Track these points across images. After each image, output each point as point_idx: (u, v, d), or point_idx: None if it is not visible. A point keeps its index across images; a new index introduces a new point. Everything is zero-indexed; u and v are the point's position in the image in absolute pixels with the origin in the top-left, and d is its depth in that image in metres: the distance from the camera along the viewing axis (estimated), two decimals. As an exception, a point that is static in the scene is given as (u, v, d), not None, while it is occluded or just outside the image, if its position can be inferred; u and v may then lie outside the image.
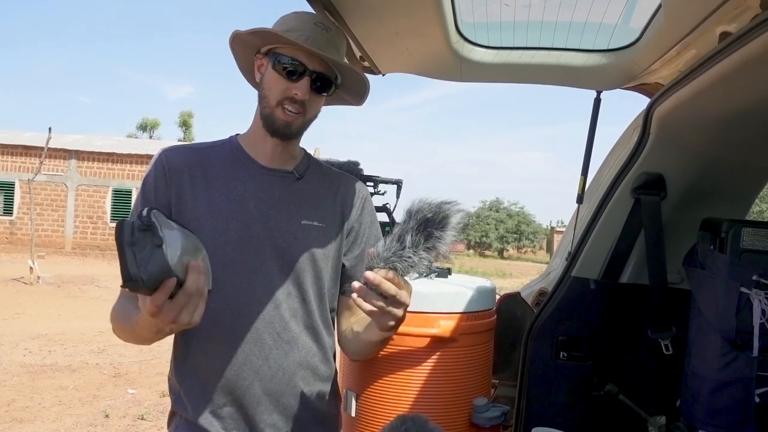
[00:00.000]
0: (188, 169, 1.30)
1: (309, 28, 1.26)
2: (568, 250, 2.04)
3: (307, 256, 1.32)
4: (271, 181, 1.32)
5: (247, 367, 1.26)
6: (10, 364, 6.78)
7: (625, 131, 2.09)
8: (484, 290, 1.87)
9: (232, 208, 1.27)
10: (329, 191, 1.39)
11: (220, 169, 1.31)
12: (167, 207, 1.27)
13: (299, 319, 1.32)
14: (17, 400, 5.53)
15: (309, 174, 1.38)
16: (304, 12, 1.31)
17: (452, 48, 1.91)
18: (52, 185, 21.76)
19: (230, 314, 1.26)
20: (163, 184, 1.29)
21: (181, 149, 1.34)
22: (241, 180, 1.30)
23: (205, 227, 1.25)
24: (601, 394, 1.96)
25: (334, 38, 1.29)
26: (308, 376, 1.34)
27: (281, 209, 1.30)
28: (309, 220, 1.33)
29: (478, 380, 1.83)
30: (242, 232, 1.26)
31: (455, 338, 1.74)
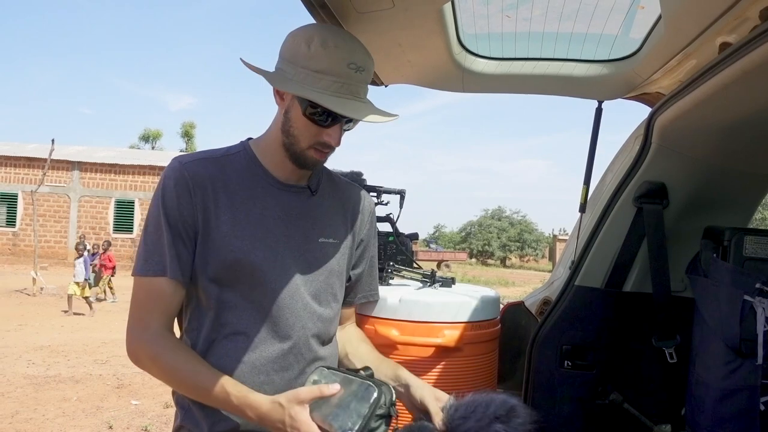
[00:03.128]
0: (211, 184, 1.24)
1: (343, 73, 1.13)
2: (572, 259, 2.05)
3: (326, 275, 1.32)
4: (288, 199, 1.29)
5: (268, 387, 1.24)
6: (14, 375, 6.78)
7: (626, 140, 2.11)
8: (489, 299, 1.87)
9: (254, 229, 1.24)
10: (340, 205, 1.38)
11: (239, 184, 1.26)
12: (193, 225, 1.22)
13: (320, 339, 1.33)
14: (21, 412, 5.53)
15: (321, 187, 1.36)
16: (335, 44, 1.14)
17: (454, 59, 1.93)
18: (54, 196, 21.83)
19: (255, 335, 1.25)
20: (188, 201, 1.22)
21: (200, 161, 1.27)
22: (260, 197, 1.26)
23: (231, 248, 1.22)
24: (606, 403, 1.95)
25: (366, 75, 1.18)
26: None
27: (299, 228, 1.29)
28: (325, 238, 1.32)
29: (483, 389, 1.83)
30: (267, 252, 1.24)
31: (460, 348, 1.74)
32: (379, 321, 1.76)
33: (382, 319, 1.76)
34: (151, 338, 1.21)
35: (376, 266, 1.53)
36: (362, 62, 1.16)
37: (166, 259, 1.21)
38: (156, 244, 1.22)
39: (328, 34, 1.16)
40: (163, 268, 1.21)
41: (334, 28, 1.24)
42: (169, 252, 1.21)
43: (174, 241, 1.21)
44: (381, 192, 2.53)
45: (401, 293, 1.78)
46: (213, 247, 1.22)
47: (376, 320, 1.77)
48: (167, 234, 1.21)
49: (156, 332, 1.21)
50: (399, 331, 1.73)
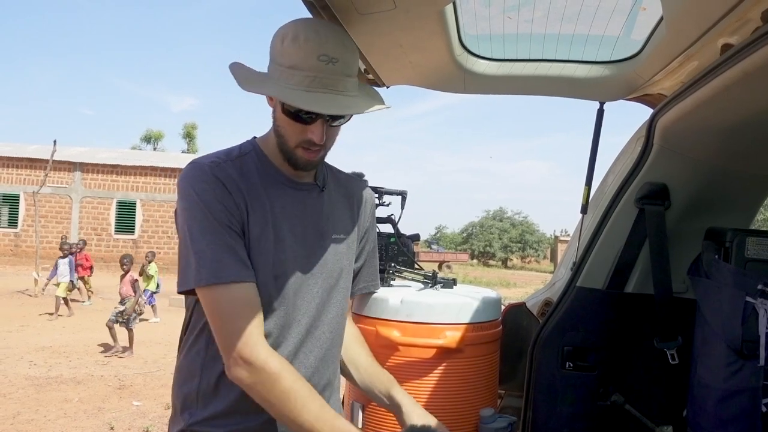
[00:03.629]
0: (237, 185, 1.21)
1: (313, 66, 1.09)
2: (573, 260, 2.05)
3: (339, 271, 1.34)
4: (301, 197, 1.29)
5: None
6: (15, 376, 6.78)
7: (628, 142, 2.11)
8: (490, 301, 1.87)
9: (278, 229, 1.24)
10: (345, 199, 1.40)
11: (256, 185, 1.24)
12: (239, 218, 1.19)
13: (337, 335, 1.36)
14: (22, 413, 5.53)
15: (328, 183, 1.37)
16: (305, 37, 1.10)
17: (456, 60, 1.93)
18: (56, 197, 21.85)
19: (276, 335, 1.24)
20: (231, 202, 1.18)
21: (224, 163, 1.23)
22: (278, 196, 1.26)
23: (262, 249, 1.21)
24: (608, 404, 1.95)
25: (343, 67, 1.12)
26: (333, 390, 1.39)
27: (314, 225, 1.30)
28: (337, 234, 1.34)
29: (485, 391, 1.83)
30: (288, 253, 1.24)
31: (461, 349, 1.74)
32: (380, 322, 1.76)
33: (384, 320, 1.76)
34: (270, 355, 1.15)
35: (377, 256, 1.54)
36: (335, 53, 1.10)
37: (238, 258, 1.16)
38: (218, 246, 1.15)
39: (302, 28, 1.12)
40: (242, 270, 1.16)
41: (312, 21, 1.17)
42: (237, 251, 1.16)
43: (235, 239, 1.17)
44: (382, 193, 2.53)
45: (403, 294, 1.78)
46: (249, 245, 1.21)
47: (377, 321, 1.77)
48: (226, 233, 1.16)
49: (269, 348, 1.17)
50: (400, 332, 1.73)
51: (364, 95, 1.19)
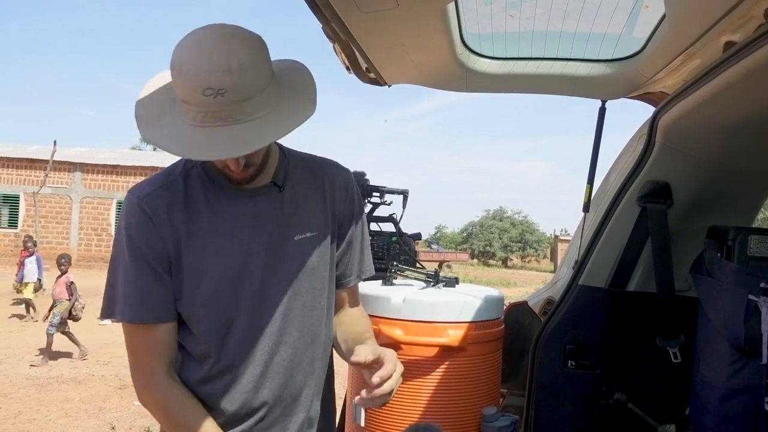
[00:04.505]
0: (174, 212, 1.17)
1: (201, 102, 0.98)
2: (575, 259, 2.05)
3: (308, 272, 1.27)
4: (255, 203, 1.21)
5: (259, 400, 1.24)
6: (17, 376, 6.78)
7: (630, 140, 2.11)
8: (492, 299, 1.87)
9: (224, 245, 1.18)
10: (315, 189, 1.30)
11: (202, 201, 1.19)
12: (165, 257, 1.17)
13: (311, 337, 1.30)
14: (24, 413, 5.53)
15: (290, 177, 1.27)
16: (187, 69, 0.98)
17: (457, 59, 1.93)
18: (56, 198, 21.84)
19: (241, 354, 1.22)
20: (153, 235, 1.16)
21: (157, 190, 1.19)
22: (226, 208, 1.20)
23: (205, 270, 1.18)
24: (610, 403, 1.96)
25: (233, 95, 0.99)
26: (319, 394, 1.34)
27: (272, 231, 1.22)
28: (301, 233, 1.25)
29: (487, 389, 1.83)
30: (240, 267, 1.19)
31: (464, 347, 1.74)
32: (382, 321, 1.76)
33: (386, 319, 1.76)
34: (159, 387, 1.19)
35: (365, 242, 1.41)
36: (221, 83, 0.96)
37: (152, 303, 1.17)
38: (136, 287, 1.16)
39: (187, 55, 0.99)
40: (152, 314, 1.17)
41: (199, 42, 1.00)
42: (153, 294, 1.17)
43: (154, 281, 1.17)
44: (384, 192, 2.53)
45: (405, 293, 1.78)
46: (190, 276, 1.18)
47: (379, 320, 1.77)
48: (145, 274, 1.16)
49: (163, 381, 1.20)
50: (403, 330, 1.73)
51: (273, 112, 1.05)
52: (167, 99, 1.05)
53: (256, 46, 1.02)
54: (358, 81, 2.15)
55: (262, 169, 1.18)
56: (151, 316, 1.17)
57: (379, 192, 2.51)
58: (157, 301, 1.17)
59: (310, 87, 1.12)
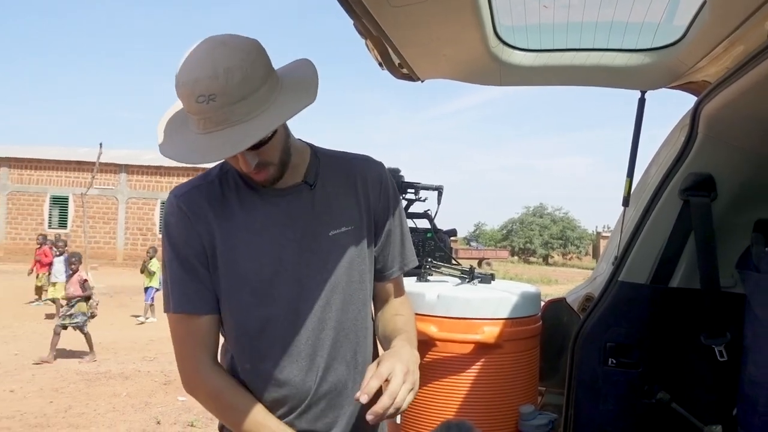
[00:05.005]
0: (210, 211, 1.23)
1: (197, 109, 1.05)
2: (615, 255, 2.00)
3: (346, 266, 1.29)
4: (288, 202, 1.25)
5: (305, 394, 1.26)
6: (67, 371, 7.02)
7: (671, 131, 2.04)
8: (529, 296, 1.84)
9: (259, 244, 1.23)
10: (347, 185, 1.32)
11: (237, 202, 1.25)
12: (202, 252, 1.23)
13: (352, 332, 1.31)
14: (74, 407, 5.72)
15: (321, 176, 1.30)
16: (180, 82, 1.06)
17: (491, 52, 1.90)
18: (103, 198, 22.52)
19: (283, 349, 1.25)
20: (192, 232, 1.22)
21: (194, 189, 1.26)
22: (259, 208, 1.24)
23: (240, 270, 1.22)
24: (653, 402, 1.90)
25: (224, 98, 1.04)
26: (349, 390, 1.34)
27: (306, 229, 1.25)
28: (336, 229, 1.28)
29: (524, 387, 1.80)
30: (276, 265, 1.23)
31: (500, 344, 1.72)
32: (417, 317, 1.74)
33: (421, 316, 1.74)
34: (207, 374, 1.24)
35: (405, 233, 1.42)
36: (209, 89, 1.02)
37: (192, 294, 1.23)
38: (177, 279, 1.23)
39: (180, 70, 1.06)
40: (192, 304, 1.23)
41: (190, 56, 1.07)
42: (192, 286, 1.23)
43: (194, 275, 1.23)
44: (419, 188, 2.53)
45: (439, 289, 1.77)
46: (225, 273, 1.23)
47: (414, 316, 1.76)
48: (185, 268, 1.23)
49: (210, 368, 1.25)
50: (437, 327, 1.72)
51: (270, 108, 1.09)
52: (183, 115, 1.14)
53: (246, 51, 1.07)
54: (393, 79, 2.14)
55: (284, 168, 1.21)
56: (191, 306, 1.23)
57: (414, 188, 2.51)
58: (197, 293, 1.22)
59: (311, 81, 1.15)
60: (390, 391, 1.06)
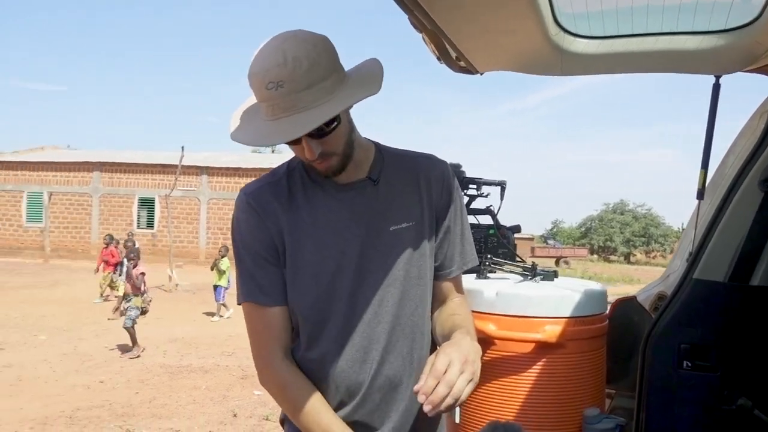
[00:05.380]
0: (278, 206, 1.28)
1: (266, 96, 1.12)
2: (689, 251, 1.88)
3: (405, 262, 1.30)
4: (351, 197, 1.29)
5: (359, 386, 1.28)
6: (152, 364, 7.38)
7: (750, 118, 1.90)
8: (594, 294, 1.76)
9: (322, 237, 1.26)
10: (410, 183, 1.34)
11: (303, 197, 1.29)
12: (272, 246, 1.28)
13: (408, 328, 1.32)
14: (157, 398, 6.01)
15: (385, 172, 1.32)
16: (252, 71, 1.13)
17: (551, 41, 1.83)
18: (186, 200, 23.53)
19: (339, 340, 1.27)
20: (262, 227, 1.28)
21: (263, 187, 1.32)
22: (323, 203, 1.28)
23: (303, 262, 1.27)
24: (733, 409, 1.78)
25: (291, 86, 1.10)
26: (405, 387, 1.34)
27: (368, 223, 1.28)
28: (397, 224, 1.30)
29: (589, 389, 1.73)
30: (337, 258, 1.26)
31: (562, 344, 1.65)
32: (475, 315, 1.70)
33: (479, 313, 1.71)
34: (278, 367, 1.29)
35: (466, 233, 1.41)
36: (277, 76, 1.09)
37: (262, 284, 1.28)
38: (247, 272, 1.29)
39: (254, 59, 1.14)
40: (262, 293, 1.28)
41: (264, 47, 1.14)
42: (262, 277, 1.28)
43: (265, 268, 1.28)
44: (480, 184, 2.47)
45: (498, 286, 1.72)
46: (291, 266, 1.27)
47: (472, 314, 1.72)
48: (255, 261, 1.28)
49: (281, 362, 1.29)
50: (496, 325, 1.67)
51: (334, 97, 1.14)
52: (254, 107, 1.20)
53: (314, 43, 1.12)
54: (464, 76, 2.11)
55: (347, 161, 1.24)
56: (264, 297, 1.28)
57: (476, 184, 2.46)
58: (267, 283, 1.28)
59: (376, 74, 1.18)
60: (447, 379, 1.04)
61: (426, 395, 1.04)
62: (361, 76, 1.19)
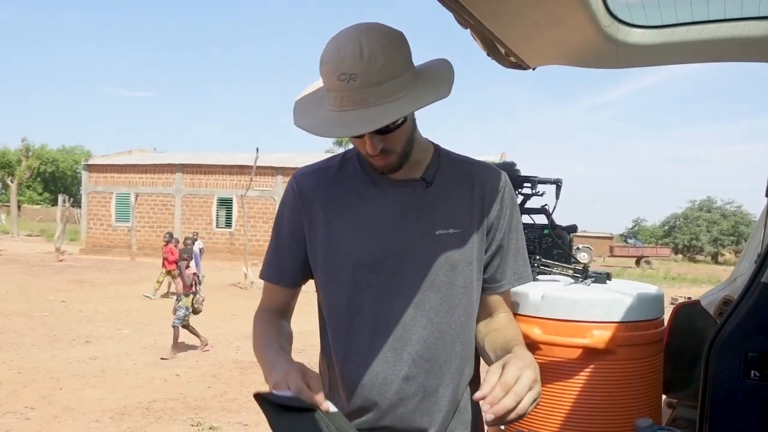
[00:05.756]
0: (320, 193, 1.29)
1: (336, 86, 1.09)
2: (758, 252, 1.75)
3: (448, 267, 1.26)
4: (401, 194, 1.27)
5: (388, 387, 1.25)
6: (225, 360, 7.64)
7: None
8: (649, 297, 1.67)
9: (365, 230, 1.25)
10: (464, 189, 1.30)
11: (351, 187, 1.29)
12: (300, 230, 1.30)
13: (449, 337, 1.28)
14: (228, 392, 6.21)
15: (440, 176, 1.30)
16: (326, 60, 1.11)
17: (604, 32, 1.74)
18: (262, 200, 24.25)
19: (370, 336, 1.26)
20: (295, 211, 1.31)
21: (311, 172, 1.34)
22: (372, 196, 1.27)
23: (339, 251, 1.26)
24: (806, 424, 1.64)
25: (364, 79, 1.07)
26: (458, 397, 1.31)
27: (414, 223, 1.26)
28: (444, 229, 1.26)
29: (642, 398, 1.63)
30: (378, 253, 1.24)
31: (612, 350, 1.57)
32: (519, 318, 1.65)
33: (523, 316, 1.65)
34: (258, 312, 1.38)
35: (521, 248, 1.37)
36: (351, 69, 1.07)
37: (281, 266, 1.35)
38: (273, 251, 1.36)
39: (328, 48, 1.12)
40: (272, 275, 1.36)
41: (340, 36, 1.12)
42: (283, 260, 1.34)
43: (287, 248, 1.33)
44: (535, 182, 2.40)
45: (544, 289, 1.66)
46: (326, 254, 1.27)
47: (517, 318, 1.67)
48: (282, 241, 1.34)
49: (263, 309, 1.38)
50: (541, 329, 1.61)
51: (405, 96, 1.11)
52: (320, 95, 1.18)
53: (391, 38, 1.10)
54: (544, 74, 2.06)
55: (405, 159, 1.23)
56: (276, 276, 1.35)
57: (530, 182, 2.38)
58: (286, 266, 1.33)
59: (447, 77, 1.16)
60: (516, 392, 0.98)
61: (491, 405, 0.99)
62: (431, 77, 1.17)
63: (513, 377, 0.99)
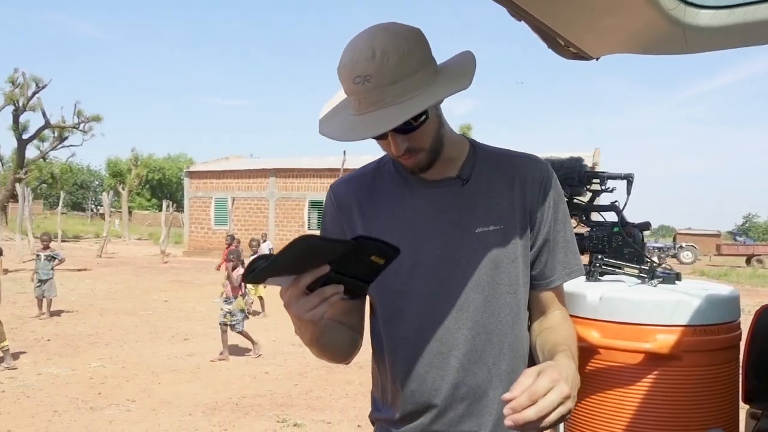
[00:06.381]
0: (356, 200, 1.31)
1: (353, 90, 1.10)
2: None
3: (492, 268, 1.23)
4: (438, 194, 1.25)
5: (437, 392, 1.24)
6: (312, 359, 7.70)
7: None
8: (721, 299, 1.54)
9: (399, 233, 1.24)
10: (504, 184, 1.27)
11: (387, 192, 1.30)
12: (341, 235, 1.31)
13: (495, 338, 1.25)
14: (313, 391, 6.36)
15: (477, 172, 1.27)
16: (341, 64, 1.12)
17: (669, 16, 1.63)
18: (351, 201, 24.75)
19: (415, 342, 1.25)
20: (335, 219, 1.33)
21: (348, 181, 1.36)
22: (408, 199, 1.27)
23: None
24: None
25: (378, 80, 1.07)
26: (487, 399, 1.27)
27: (452, 222, 1.23)
28: (484, 226, 1.23)
29: (713, 408, 1.51)
30: (416, 257, 1.23)
31: (677, 356, 1.47)
32: (576, 321, 1.57)
33: (581, 319, 1.57)
34: None
35: (569, 240, 1.31)
36: (365, 70, 1.07)
37: None
38: None
39: (344, 52, 1.12)
40: None
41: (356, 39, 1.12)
42: None
43: None
44: (604, 178, 2.29)
45: (604, 290, 1.57)
46: None
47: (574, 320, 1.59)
48: None
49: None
50: (600, 333, 1.53)
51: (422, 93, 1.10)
52: (345, 102, 1.19)
53: (404, 37, 1.09)
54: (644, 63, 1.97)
55: (436, 157, 1.21)
56: None
57: (599, 178, 2.27)
58: None
59: (468, 69, 1.14)
60: (541, 406, 0.94)
61: (513, 411, 0.95)
62: (452, 70, 1.15)
63: (544, 389, 0.94)
